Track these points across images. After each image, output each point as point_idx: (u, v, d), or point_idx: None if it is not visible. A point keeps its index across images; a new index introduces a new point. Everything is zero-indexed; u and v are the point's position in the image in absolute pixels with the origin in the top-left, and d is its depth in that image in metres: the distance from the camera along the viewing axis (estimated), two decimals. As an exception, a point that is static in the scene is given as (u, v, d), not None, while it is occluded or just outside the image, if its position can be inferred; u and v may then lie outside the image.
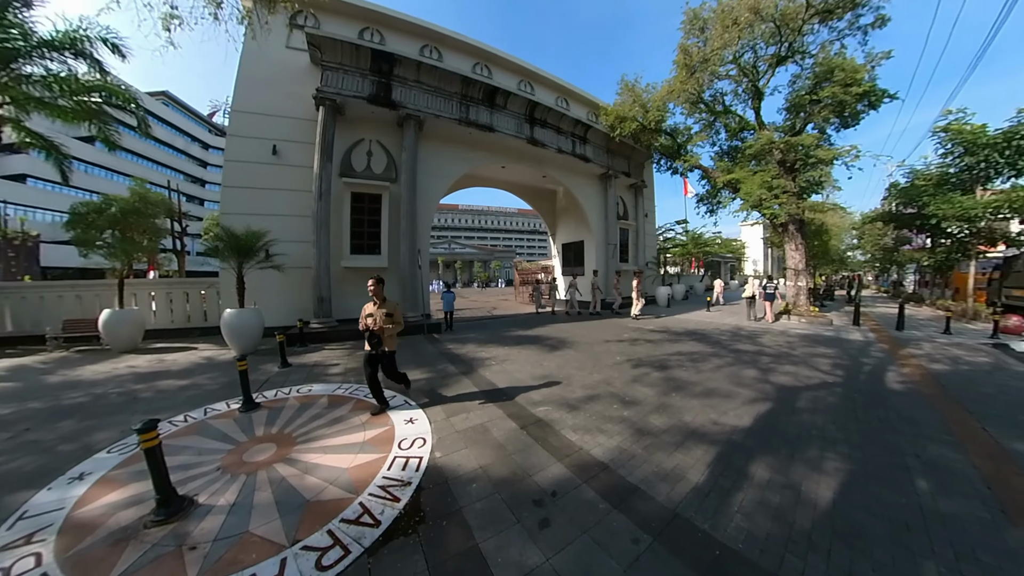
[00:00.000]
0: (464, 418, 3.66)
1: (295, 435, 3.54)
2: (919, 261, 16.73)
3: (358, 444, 3.28)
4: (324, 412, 4.07)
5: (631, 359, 6.16)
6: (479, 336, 8.92)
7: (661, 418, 3.70)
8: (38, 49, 9.38)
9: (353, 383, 5.04)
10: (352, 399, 4.42)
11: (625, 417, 3.68)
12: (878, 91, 11.34)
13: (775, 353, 6.87)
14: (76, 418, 4.11)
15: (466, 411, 3.83)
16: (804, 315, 11.61)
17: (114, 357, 7.67)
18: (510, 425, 3.46)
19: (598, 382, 4.81)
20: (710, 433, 3.41)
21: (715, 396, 4.41)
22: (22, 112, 10.23)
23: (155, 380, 5.62)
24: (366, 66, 9.56)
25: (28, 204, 28.88)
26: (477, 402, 4.11)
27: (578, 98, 15.35)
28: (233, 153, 9.38)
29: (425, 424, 3.58)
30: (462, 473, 2.71)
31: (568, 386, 4.66)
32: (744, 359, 6.34)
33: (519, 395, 4.34)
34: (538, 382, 4.87)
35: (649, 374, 5.20)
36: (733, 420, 3.73)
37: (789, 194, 11.33)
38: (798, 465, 2.89)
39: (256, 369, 6.11)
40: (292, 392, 4.83)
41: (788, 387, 4.86)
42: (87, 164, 32.93)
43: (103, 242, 8.93)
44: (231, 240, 7.44)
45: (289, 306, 9.08)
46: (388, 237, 9.74)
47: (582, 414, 3.74)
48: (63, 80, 9.81)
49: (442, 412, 3.83)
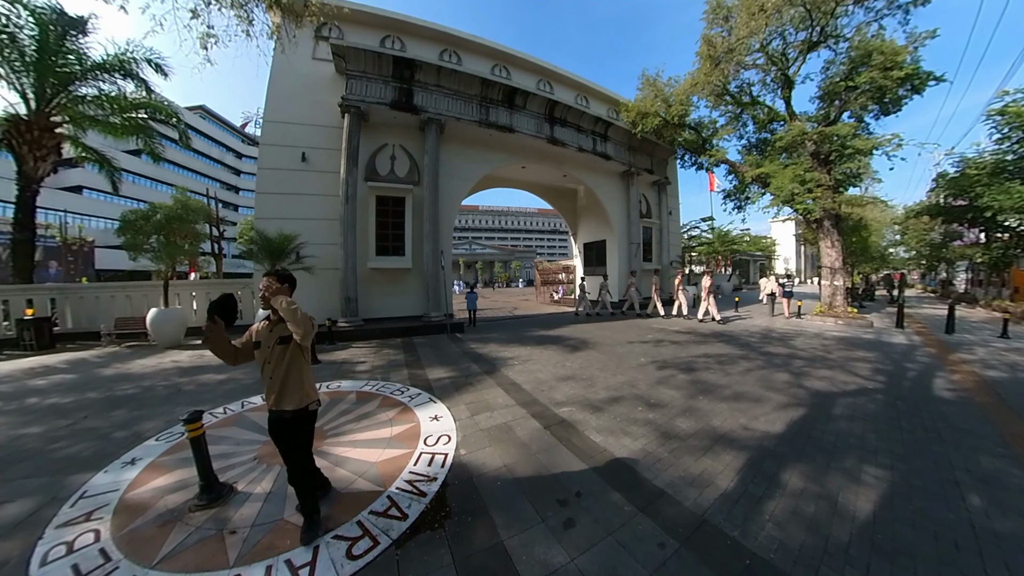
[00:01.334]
0: (488, 416, 3.70)
1: (325, 429, 3.68)
2: (972, 258, 15.51)
3: (385, 439, 3.38)
4: (352, 408, 4.21)
5: (656, 361, 6.03)
6: (501, 336, 8.99)
7: (688, 421, 3.61)
8: (92, 71, 10.24)
9: (380, 380, 5.18)
10: (379, 396, 4.55)
11: (650, 420, 3.62)
12: (922, 74, 10.58)
13: (809, 356, 6.55)
14: (128, 408, 4.43)
15: (490, 409, 3.88)
16: (841, 316, 11.00)
17: (160, 352, 8.21)
18: (534, 425, 3.48)
19: (622, 384, 4.75)
20: (740, 438, 3.30)
21: (745, 400, 4.26)
22: (79, 129, 11.20)
23: (196, 374, 5.97)
24: (388, 73, 9.81)
25: (84, 212, 31.39)
26: (500, 400, 4.15)
27: (598, 95, 15.16)
28: (266, 161, 9.84)
29: (450, 422, 3.65)
30: (487, 471, 2.75)
31: (591, 387, 4.63)
32: (775, 362, 6.08)
33: (542, 395, 4.34)
34: (561, 382, 4.86)
35: (675, 376, 5.09)
36: (764, 425, 3.59)
37: (824, 188, 10.77)
38: (835, 475, 2.76)
39: (288, 366, 6.41)
40: (322, 388, 5.01)
41: (824, 392, 4.63)
42: (134, 175, 35.64)
43: (149, 246, 9.60)
44: (264, 243, 7.81)
45: (319, 306, 9.41)
46: (412, 238, 9.95)
47: (606, 415, 3.71)
48: (113, 99, 10.66)
49: (466, 410, 3.89)
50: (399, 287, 10.16)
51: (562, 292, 20.63)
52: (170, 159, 41.27)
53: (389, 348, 7.51)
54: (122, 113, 11.05)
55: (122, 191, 13.65)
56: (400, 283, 10.17)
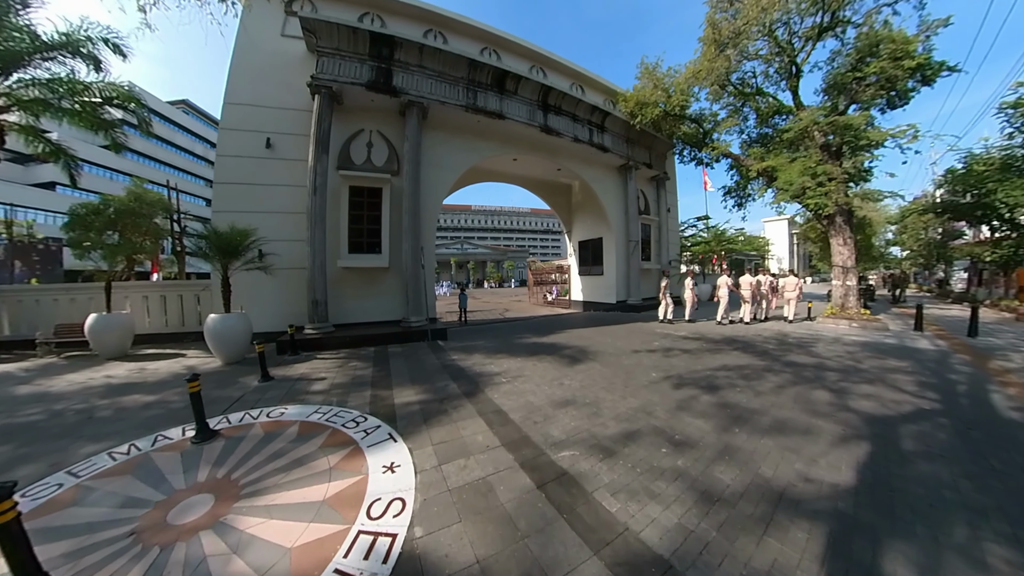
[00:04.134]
0: (462, 466, 2.73)
1: (243, 483, 2.72)
2: (980, 256, 14.98)
3: (316, 504, 2.42)
4: (288, 447, 3.24)
5: (669, 376, 5.12)
6: (488, 344, 8.00)
7: (730, 470, 2.71)
8: (40, 52, 9.04)
9: (334, 405, 4.20)
10: (327, 428, 3.58)
11: (680, 469, 2.70)
12: (934, 64, 9.95)
13: (839, 367, 5.73)
14: (16, 442, 3.51)
15: (465, 455, 2.91)
16: (854, 319, 10.27)
17: (99, 364, 7.19)
18: (523, 481, 2.53)
19: (635, 410, 3.81)
20: (805, 497, 2.41)
21: (791, 432, 3.38)
22: (31, 116, 9.97)
23: (124, 394, 5.01)
24: (364, 51, 8.81)
25: (58, 211, 29.69)
26: (480, 439, 3.18)
27: (594, 84, 14.28)
28: (226, 147, 8.77)
29: (408, 474, 2.69)
30: (451, 571, 1.81)
31: (597, 416, 3.69)
32: (806, 375, 5.24)
33: (535, 429, 3.39)
34: (559, 409, 3.90)
35: (697, 398, 4.18)
36: (828, 473, 2.72)
37: (837, 181, 10.04)
38: (951, 557, 1.89)
39: (233, 383, 5.39)
40: (262, 416, 4.03)
41: (878, 417, 3.78)
42: (117, 172, 33.91)
43: (93, 243, 8.50)
44: (214, 238, 6.77)
45: (284, 310, 8.39)
46: (390, 234, 8.95)
47: (621, 463, 2.77)
48: (62, 81, 9.46)
49: (434, 455, 2.92)
50: (375, 289, 9.13)
51: (556, 293, 19.76)
52: (154, 156, 39.94)
53: (358, 360, 6.49)
54: (73, 96, 9.87)
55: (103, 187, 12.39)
56: (376, 284, 9.15)
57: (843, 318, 10.45)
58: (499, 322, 12.85)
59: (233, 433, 3.64)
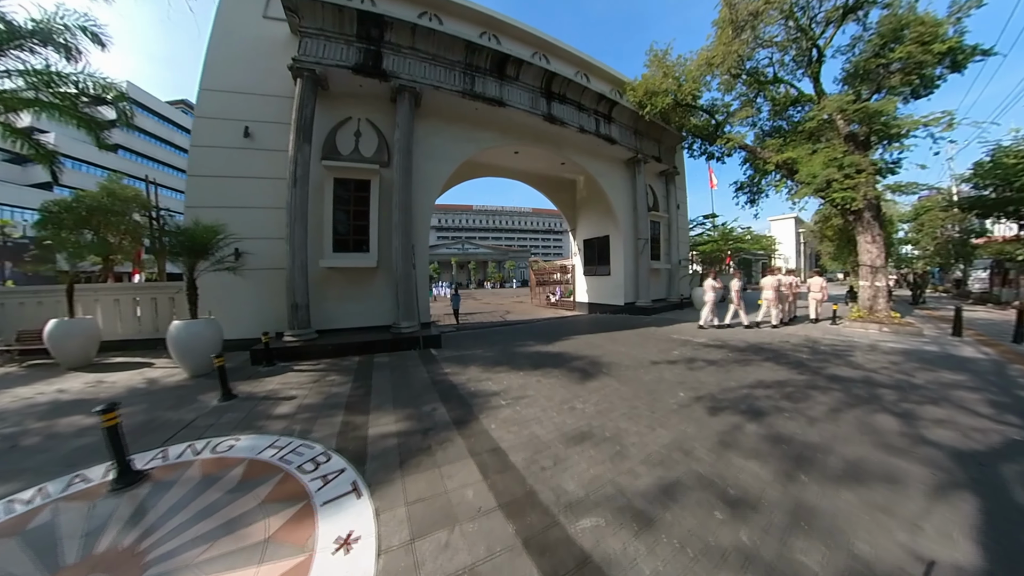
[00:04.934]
0: (442, 544, 1.95)
1: (148, 559, 1.98)
2: (1012, 255, 14.14)
3: (229, 610, 1.67)
4: (224, 500, 2.50)
5: (700, 396, 4.32)
6: (486, 353, 7.19)
7: (813, 547, 1.94)
8: (11, 41, 8.36)
9: (295, 436, 3.45)
10: (278, 472, 2.83)
11: (745, 549, 1.92)
12: (966, 48, 9.19)
13: (891, 383, 4.95)
14: None
15: (449, 522, 2.12)
16: (885, 322, 9.47)
17: (58, 376, 6.55)
18: (527, 571, 1.77)
19: (669, 448, 3.00)
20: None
21: (870, 479, 2.61)
22: (9, 111, 9.30)
23: (64, 415, 4.31)
24: (352, 32, 8.06)
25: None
26: (470, 495, 2.38)
27: (600, 73, 13.46)
28: (201, 137, 8.05)
29: (368, 555, 1.93)
30: None
31: (623, 457, 2.86)
32: (857, 394, 4.46)
33: (543, 481, 2.57)
34: (572, 447, 3.05)
35: (741, 428, 3.39)
36: (941, 546, 1.96)
37: (867, 173, 9.24)
38: None
39: (191, 402, 4.67)
40: (206, 450, 3.30)
41: (966, 453, 3.02)
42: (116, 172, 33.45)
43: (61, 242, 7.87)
44: (179, 236, 6.05)
45: (262, 315, 7.65)
46: (378, 231, 8.21)
47: (664, 539, 1.98)
48: (37, 72, 8.77)
49: (406, 522, 2.14)
50: (362, 291, 8.37)
51: (559, 294, 18.98)
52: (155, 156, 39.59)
53: (337, 373, 5.72)
54: (48, 87, 9.16)
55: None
56: (364, 286, 8.39)
57: (872, 321, 9.65)
58: (499, 325, 12.08)
59: (164, 475, 2.91)
